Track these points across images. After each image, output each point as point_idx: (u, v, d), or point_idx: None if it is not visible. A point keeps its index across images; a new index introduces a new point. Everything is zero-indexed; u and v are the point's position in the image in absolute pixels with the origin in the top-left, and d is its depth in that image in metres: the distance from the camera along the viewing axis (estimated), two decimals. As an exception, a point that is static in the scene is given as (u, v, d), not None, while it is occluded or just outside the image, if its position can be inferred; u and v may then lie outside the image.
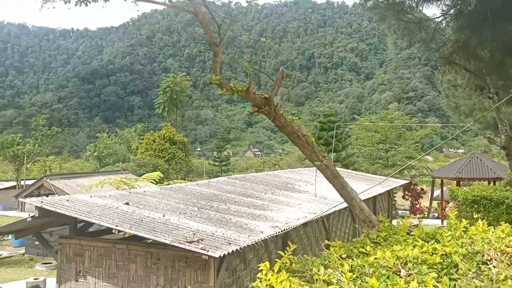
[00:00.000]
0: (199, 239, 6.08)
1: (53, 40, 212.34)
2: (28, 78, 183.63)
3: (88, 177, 25.03)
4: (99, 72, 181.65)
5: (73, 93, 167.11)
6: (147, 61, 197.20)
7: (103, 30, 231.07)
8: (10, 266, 18.33)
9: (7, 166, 49.05)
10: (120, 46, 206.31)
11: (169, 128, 41.77)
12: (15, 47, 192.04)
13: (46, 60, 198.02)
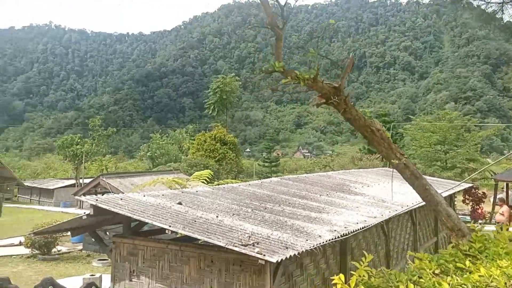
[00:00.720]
0: (254, 242, 5.76)
1: (110, 45, 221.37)
2: (87, 82, 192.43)
3: (141, 176, 25.53)
4: (152, 74, 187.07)
5: (128, 95, 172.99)
6: (198, 63, 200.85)
7: (156, 33, 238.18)
8: (68, 262, 18.96)
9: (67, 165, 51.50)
10: (172, 49, 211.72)
11: (220, 129, 42.11)
12: (75, 52, 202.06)
13: (103, 64, 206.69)
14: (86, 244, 21.11)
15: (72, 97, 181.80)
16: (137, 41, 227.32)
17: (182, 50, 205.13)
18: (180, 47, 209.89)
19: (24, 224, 28.98)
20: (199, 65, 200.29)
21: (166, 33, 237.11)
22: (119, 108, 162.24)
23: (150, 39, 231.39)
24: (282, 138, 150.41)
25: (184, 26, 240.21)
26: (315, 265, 7.39)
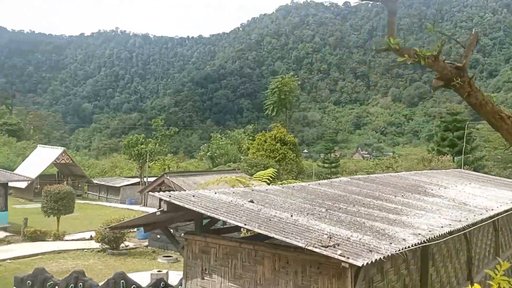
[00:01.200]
0: (335, 244, 5.42)
1: (171, 48, 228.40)
2: (149, 84, 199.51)
3: (203, 175, 25.85)
4: (211, 76, 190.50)
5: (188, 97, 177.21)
6: (255, 65, 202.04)
7: (215, 36, 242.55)
8: (135, 257, 19.53)
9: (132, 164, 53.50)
10: (231, 51, 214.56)
11: (280, 129, 41.91)
12: (139, 56, 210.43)
13: (165, 67, 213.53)
14: (151, 241, 21.65)
15: (136, 99, 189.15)
16: (197, 44, 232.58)
17: (240, 52, 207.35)
18: (238, 49, 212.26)
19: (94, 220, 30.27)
20: (257, 66, 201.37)
21: (224, 35, 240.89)
22: (179, 109, 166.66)
23: (210, 41, 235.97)
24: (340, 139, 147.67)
25: (242, 28, 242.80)
26: (395, 271, 6.91)
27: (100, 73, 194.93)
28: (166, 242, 20.99)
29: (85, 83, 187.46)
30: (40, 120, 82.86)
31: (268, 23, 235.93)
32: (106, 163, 54.50)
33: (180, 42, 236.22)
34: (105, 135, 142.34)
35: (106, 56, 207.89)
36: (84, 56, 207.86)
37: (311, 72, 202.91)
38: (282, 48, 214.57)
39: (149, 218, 7.80)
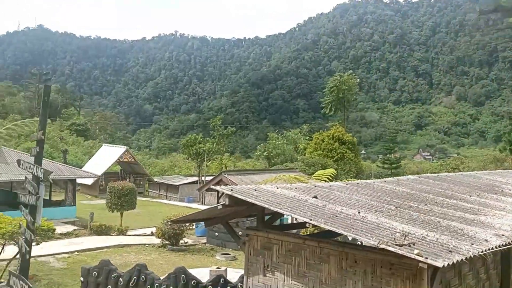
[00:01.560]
0: (410, 243, 5.00)
1: (228, 50, 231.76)
2: (207, 86, 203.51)
3: (260, 174, 25.75)
4: (267, 77, 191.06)
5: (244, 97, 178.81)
6: (312, 65, 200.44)
7: (271, 37, 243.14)
8: (194, 254, 19.76)
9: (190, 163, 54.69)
10: (287, 51, 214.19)
11: (338, 128, 41.06)
12: (197, 58, 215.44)
13: (222, 68, 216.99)
14: (209, 238, 21.83)
15: (194, 100, 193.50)
16: (253, 45, 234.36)
17: (297, 52, 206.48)
18: (294, 49, 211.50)
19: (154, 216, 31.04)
20: (313, 66, 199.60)
21: (281, 36, 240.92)
22: (235, 110, 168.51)
23: (266, 42, 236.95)
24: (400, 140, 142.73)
25: (299, 28, 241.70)
26: (474, 275, 6.34)
27: (160, 75, 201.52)
28: (224, 239, 21.10)
29: (146, 85, 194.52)
30: (105, 121, 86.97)
31: (325, 22, 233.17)
32: (166, 162, 56.14)
33: (236, 43, 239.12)
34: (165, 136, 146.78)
35: (165, 59, 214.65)
36: (145, 59, 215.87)
37: (369, 71, 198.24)
38: (339, 47, 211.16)
39: (210, 212, 7.71)
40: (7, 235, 11.65)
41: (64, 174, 25.36)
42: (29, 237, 7.92)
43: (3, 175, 23.26)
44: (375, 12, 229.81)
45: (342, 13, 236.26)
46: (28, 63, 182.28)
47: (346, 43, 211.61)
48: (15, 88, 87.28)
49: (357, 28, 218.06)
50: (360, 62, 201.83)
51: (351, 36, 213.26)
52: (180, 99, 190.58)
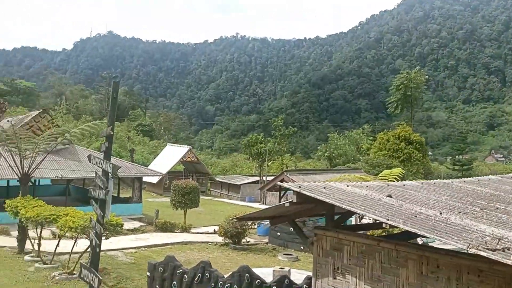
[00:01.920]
0: (504, 247, 4.43)
1: (288, 51, 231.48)
2: (267, 87, 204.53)
3: (323, 174, 25.19)
4: (328, 77, 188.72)
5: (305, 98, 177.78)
6: (374, 64, 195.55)
7: (333, 36, 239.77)
8: (256, 253, 19.62)
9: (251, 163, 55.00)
10: (349, 50, 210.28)
11: (405, 127, 39.34)
12: (257, 60, 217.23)
13: (282, 69, 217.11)
14: (271, 238, 21.62)
15: (254, 101, 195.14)
16: (314, 45, 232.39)
17: (359, 51, 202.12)
18: (356, 48, 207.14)
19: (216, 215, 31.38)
20: (376, 65, 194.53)
21: (342, 35, 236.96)
22: (296, 110, 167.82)
23: (327, 42, 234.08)
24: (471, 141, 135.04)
25: (361, 26, 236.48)
26: None
27: (221, 77, 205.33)
28: (286, 240, 20.81)
29: (208, 87, 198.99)
30: (169, 122, 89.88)
31: (389, 20, 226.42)
32: (227, 162, 56.90)
33: (297, 44, 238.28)
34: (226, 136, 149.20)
35: (227, 60, 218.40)
36: (207, 61, 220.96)
37: (436, 69, 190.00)
38: (404, 45, 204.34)
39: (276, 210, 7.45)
40: (79, 229, 12.08)
41: (131, 172, 26.26)
42: (99, 231, 8.09)
43: (76, 172, 24.48)
44: (443, 7, 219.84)
45: (407, 10, 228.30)
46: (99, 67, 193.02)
47: (411, 41, 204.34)
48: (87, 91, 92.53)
49: (423, 24, 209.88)
50: (427, 59, 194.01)
51: (417, 33, 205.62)
52: (241, 100, 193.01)
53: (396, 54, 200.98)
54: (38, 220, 13.14)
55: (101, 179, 8.15)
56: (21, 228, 14.82)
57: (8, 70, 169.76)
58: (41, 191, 26.42)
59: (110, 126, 8.12)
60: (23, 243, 14.91)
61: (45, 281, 12.12)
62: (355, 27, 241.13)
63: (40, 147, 15.28)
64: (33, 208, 13.92)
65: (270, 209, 7.67)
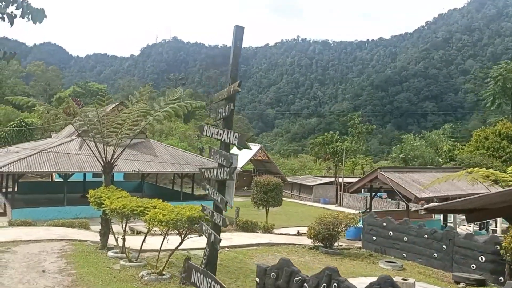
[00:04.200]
0: None
1: (350, 53, 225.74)
2: (328, 89, 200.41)
3: (421, 172, 22.45)
4: (392, 79, 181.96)
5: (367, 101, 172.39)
6: (442, 65, 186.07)
7: (397, 37, 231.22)
8: (352, 259, 17.32)
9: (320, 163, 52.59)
10: (414, 51, 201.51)
11: (506, 123, 35.21)
12: (318, 62, 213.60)
13: (343, 71, 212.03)
14: (365, 242, 19.26)
15: (315, 104, 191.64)
16: (377, 47, 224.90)
17: (425, 52, 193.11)
18: (422, 48, 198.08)
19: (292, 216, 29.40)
20: (444, 66, 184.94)
21: (407, 35, 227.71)
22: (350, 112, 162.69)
23: (390, 43, 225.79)
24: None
25: (428, 26, 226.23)
26: None
27: (282, 80, 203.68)
28: (383, 245, 18.38)
29: (269, 90, 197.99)
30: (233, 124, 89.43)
31: (458, 18, 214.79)
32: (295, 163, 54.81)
33: (359, 45, 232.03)
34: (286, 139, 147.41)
35: (287, 64, 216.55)
36: (268, 65, 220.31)
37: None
38: (475, 44, 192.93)
39: (481, 201, 5.29)
40: (171, 223, 10.46)
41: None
42: (220, 222, 6.30)
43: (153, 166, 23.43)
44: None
45: (478, 8, 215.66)
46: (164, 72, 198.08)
47: (483, 40, 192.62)
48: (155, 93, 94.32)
49: (496, 23, 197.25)
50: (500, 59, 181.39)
51: (489, 31, 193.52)
52: (301, 103, 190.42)
53: (466, 54, 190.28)
54: (124, 212, 11.74)
55: (220, 154, 6.37)
56: (104, 221, 13.59)
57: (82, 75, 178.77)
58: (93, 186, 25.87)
59: (234, 83, 6.34)
60: (106, 238, 13.67)
61: (134, 281, 10.64)
62: (421, 27, 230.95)
63: (123, 133, 14.01)
64: (117, 199, 12.60)
65: (472, 199, 5.51)
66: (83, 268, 11.44)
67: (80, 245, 13.98)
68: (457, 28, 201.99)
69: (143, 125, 13.86)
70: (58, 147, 23.07)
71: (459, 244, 15.48)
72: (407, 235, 17.24)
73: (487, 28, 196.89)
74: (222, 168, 6.41)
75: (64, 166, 21.74)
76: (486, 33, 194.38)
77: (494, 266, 14.28)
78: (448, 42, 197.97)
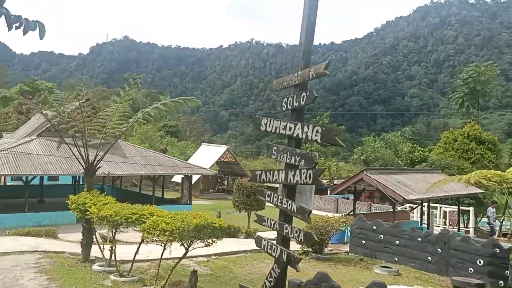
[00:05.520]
0: None
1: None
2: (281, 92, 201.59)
3: (403, 174, 22.32)
4: (343, 83, 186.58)
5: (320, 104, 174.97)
6: (390, 70, 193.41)
7: (348, 42, 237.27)
8: (344, 264, 16.64)
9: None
10: (364, 56, 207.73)
11: (474, 126, 36.24)
12: (272, 65, 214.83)
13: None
14: (353, 246, 18.71)
15: (269, 106, 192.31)
16: (329, 51, 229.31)
17: (374, 57, 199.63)
18: (371, 54, 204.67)
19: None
20: (392, 71, 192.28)
21: (357, 41, 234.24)
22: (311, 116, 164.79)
23: (341, 48, 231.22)
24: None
25: (376, 32, 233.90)
26: None
27: (236, 82, 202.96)
28: (373, 249, 17.89)
29: (223, 92, 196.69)
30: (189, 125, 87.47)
31: (405, 26, 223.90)
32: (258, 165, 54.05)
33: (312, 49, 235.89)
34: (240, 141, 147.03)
35: (241, 66, 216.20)
36: (222, 66, 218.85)
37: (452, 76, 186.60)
38: (420, 51, 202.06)
39: None
40: (177, 232, 9.27)
41: (182, 170, 23.54)
42: (301, 237, 5.29)
43: (124, 168, 21.77)
44: (460, 13, 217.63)
45: (423, 16, 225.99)
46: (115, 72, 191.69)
47: (428, 47, 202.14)
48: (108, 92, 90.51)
49: (440, 30, 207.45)
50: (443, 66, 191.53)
51: (433, 39, 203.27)
52: (255, 105, 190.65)
53: (412, 60, 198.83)
54: (116, 221, 10.37)
55: (295, 153, 5.34)
56: (87, 230, 12.06)
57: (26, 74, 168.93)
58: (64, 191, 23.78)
59: (308, 66, 5.37)
60: (88, 249, 12.14)
61: (134, 300, 9.34)
62: (370, 33, 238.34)
63: (109, 132, 12.59)
64: (105, 205, 11.18)
65: None
66: (69, 285, 9.97)
67: (58, 257, 12.36)
68: (403, 35, 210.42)
69: (132, 122, 12.48)
70: (18, 147, 20.87)
71: (455, 247, 15.24)
72: (399, 239, 16.84)
73: (431, 36, 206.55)
74: (295, 170, 5.41)
75: (26, 168, 19.65)
76: (430, 41, 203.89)
77: (493, 270, 14.10)
78: (395, 48, 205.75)
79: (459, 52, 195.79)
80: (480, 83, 44.84)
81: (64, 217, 19.78)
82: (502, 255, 13.74)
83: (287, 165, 5.68)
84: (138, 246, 10.99)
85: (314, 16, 5.71)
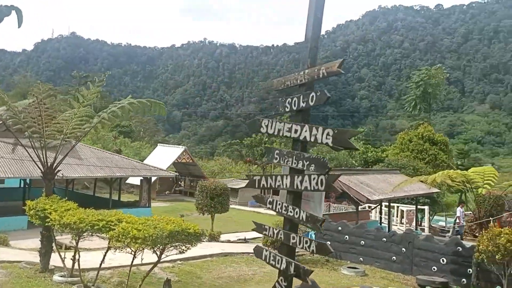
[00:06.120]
0: None
1: (256, 57, 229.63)
2: (235, 92, 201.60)
3: (364, 174, 22.66)
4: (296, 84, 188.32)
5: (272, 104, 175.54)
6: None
7: (300, 44, 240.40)
8: (311, 266, 16.51)
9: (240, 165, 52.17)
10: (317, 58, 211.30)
11: (427, 127, 37.54)
12: (225, 65, 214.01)
13: (249, 75, 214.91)
14: (318, 247, 18.73)
15: (222, 107, 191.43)
16: (281, 52, 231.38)
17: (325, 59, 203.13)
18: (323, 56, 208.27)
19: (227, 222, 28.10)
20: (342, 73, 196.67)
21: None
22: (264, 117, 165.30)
23: (294, 49, 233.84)
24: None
25: (327, 35, 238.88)
26: None
27: (188, 82, 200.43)
28: (338, 250, 17.98)
29: (175, 91, 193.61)
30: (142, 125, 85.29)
31: (354, 30, 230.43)
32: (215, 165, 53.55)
33: (265, 50, 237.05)
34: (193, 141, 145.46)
35: (194, 65, 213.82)
36: (174, 66, 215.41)
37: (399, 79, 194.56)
38: (369, 54, 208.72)
39: None
40: (150, 240, 8.75)
41: (140, 172, 22.68)
42: (313, 247, 4.98)
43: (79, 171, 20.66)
44: (405, 19, 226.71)
45: (371, 20, 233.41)
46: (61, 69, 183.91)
47: (376, 50, 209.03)
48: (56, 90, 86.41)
49: (387, 35, 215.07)
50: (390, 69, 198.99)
51: (381, 43, 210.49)
52: (208, 105, 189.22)
53: (361, 63, 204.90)
54: (81, 228, 9.66)
55: (302, 158, 5.03)
56: (46, 238, 11.20)
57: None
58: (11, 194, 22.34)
59: (315, 64, 5.11)
60: (47, 258, 11.28)
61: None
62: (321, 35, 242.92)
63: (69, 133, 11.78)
64: (67, 211, 10.40)
65: None
66: (30, 300, 9.16)
67: (13, 267, 11.39)
68: (353, 39, 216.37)
69: (95, 123, 11.74)
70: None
71: (419, 246, 15.56)
72: (364, 239, 17.01)
73: (379, 40, 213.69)
74: (302, 175, 5.09)
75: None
76: (378, 44, 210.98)
77: (456, 268, 14.50)
78: (345, 51, 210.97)
79: (405, 56, 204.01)
80: (431, 86, 46.78)
81: (15, 223, 18.48)
82: (465, 254, 14.15)
83: (292, 170, 5.35)
84: (104, 255, 10.30)
85: (321, 13, 5.47)
